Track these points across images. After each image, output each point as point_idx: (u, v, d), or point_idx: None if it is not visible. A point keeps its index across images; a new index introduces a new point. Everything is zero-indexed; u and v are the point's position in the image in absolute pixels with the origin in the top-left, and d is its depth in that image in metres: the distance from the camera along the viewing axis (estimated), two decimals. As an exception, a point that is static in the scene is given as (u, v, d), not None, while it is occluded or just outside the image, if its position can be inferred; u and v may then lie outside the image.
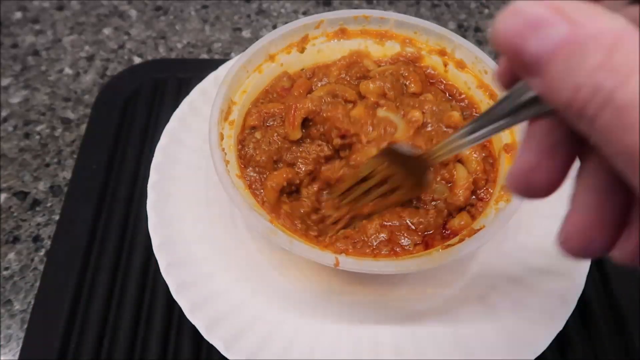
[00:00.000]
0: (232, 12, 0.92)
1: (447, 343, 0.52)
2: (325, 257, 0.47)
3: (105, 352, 0.55)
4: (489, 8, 0.95)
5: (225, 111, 0.57)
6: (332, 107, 0.56)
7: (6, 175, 0.70)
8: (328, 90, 0.59)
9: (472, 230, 0.50)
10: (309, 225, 0.53)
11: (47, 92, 0.79)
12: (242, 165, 0.55)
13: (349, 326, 0.53)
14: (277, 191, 0.53)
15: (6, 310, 0.59)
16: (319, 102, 0.57)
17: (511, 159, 0.54)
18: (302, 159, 0.55)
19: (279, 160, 0.56)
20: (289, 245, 0.48)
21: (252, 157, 0.55)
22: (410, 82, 0.60)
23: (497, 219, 0.49)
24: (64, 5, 0.92)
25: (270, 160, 0.55)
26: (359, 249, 0.51)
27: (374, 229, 0.51)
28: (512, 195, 0.51)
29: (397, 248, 0.51)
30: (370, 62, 0.64)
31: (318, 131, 0.56)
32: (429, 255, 0.49)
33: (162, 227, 0.57)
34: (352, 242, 0.51)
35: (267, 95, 0.62)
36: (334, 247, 0.51)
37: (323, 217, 0.53)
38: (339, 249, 0.50)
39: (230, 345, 0.50)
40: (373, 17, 0.64)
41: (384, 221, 0.52)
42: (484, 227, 0.49)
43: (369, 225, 0.52)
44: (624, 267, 0.61)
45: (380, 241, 0.51)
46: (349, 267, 0.47)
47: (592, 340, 0.57)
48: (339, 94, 0.58)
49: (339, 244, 0.51)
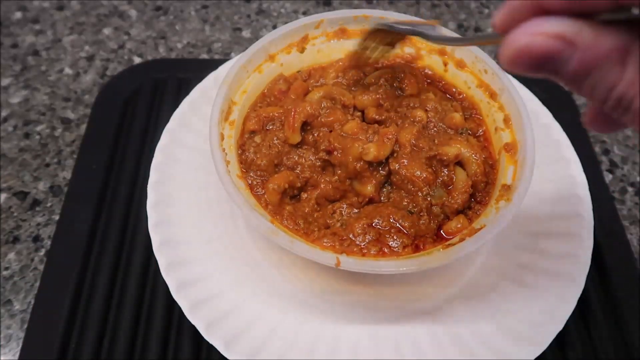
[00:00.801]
0: (232, 12, 0.92)
1: (447, 343, 0.52)
2: (326, 257, 0.47)
3: (105, 352, 0.55)
4: (489, 8, 0.95)
5: (225, 111, 0.57)
6: (331, 111, 0.56)
7: (6, 175, 0.70)
8: (326, 93, 0.59)
9: (473, 229, 0.50)
10: (311, 222, 0.53)
11: (47, 92, 0.79)
12: (244, 169, 0.55)
13: (348, 326, 0.53)
14: (279, 193, 0.53)
15: (6, 310, 0.59)
16: (318, 106, 0.57)
17: (511, 158, 0.54)
18: (300, 165, 0.55)
19: (280, 164, 0.56)
20: (289, 245, 0.48)
21: (253, 161, 0.55)
22: (405, 85, 0.60)
23: (498, 219, 0.49)
24: (64, 5, 0.92)
25: (272, 163, 0.55)
26: (346, 247, 0.50)
27: (360, 229, 0.51)
28: (513, 195, 0.51)
29: (385, 249, 0.50)
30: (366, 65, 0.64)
31: (314, 137, 0.56)
32: (430, 255, 0.49)
33: (162, 227, 0.57)
34: (340, 239, 0.51)
35: (265, 98, 0.62)
36: (319, 243, 0.50)
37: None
38: (328, 247, 0.50)
39: (230, 345, 0.50)
40: (373, 17, 0.64)
41: (372, 222, 0.52)
42: (484, 226, 0.49)
43: (356, 224, 0.51)
44: (624, 267, 0.62)
45: (368, 241, 0.51)
46: (350, 267, 0.47)
47: (592, 340, 0.57)
48: (337, 98, 0.58)
49: (326, 240, 0.51)
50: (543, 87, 0.77)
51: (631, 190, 0.72)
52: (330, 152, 0.54)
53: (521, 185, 0.51)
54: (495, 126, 0.58)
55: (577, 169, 0.62)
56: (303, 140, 0.56)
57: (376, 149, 0.52)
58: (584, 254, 0.56)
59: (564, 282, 0.54)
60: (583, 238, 0.57)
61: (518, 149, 0.54)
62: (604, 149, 0.76)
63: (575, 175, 0.62)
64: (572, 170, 0.62)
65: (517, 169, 0.53)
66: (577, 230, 0.58)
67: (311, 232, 0.52)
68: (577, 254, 0.56)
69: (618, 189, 0.72)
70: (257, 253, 0.58)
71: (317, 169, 0.55)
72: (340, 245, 0.50)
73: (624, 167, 0.74)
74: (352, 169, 0.53)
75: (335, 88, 0.59)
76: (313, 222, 0.53)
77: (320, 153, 0.55)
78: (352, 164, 0.53)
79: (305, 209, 0.54)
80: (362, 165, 0.53)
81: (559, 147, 0.64)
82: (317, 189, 0.54)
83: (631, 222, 0.68)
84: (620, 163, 0.74)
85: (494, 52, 0.88)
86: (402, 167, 0.53)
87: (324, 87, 0.60)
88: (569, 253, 0.56)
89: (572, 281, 0.54)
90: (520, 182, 0.51)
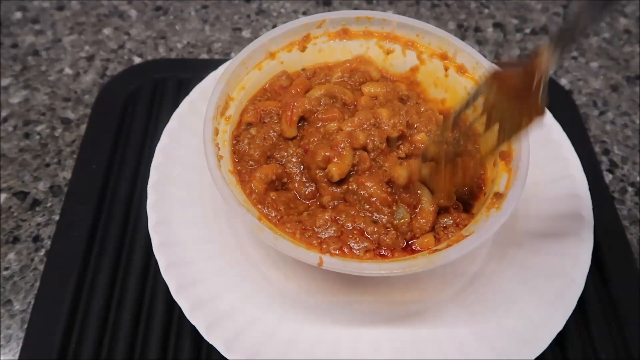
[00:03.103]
0: (232, 12, 0.92)
1: (447, 343, 0.52)
2: (309, 256, 0.47)
3: (105, 352, 0.55)
4: (489, 8, 0.95)
5: (221, 107, 0.57)
6: (329, 108, 0.56)
7: (6, 175, 0.70)
8: (327, 91, 0.59)
9: (461, 236, 0.50)
10: (292, 208, 0.53)
11: (47, 92, 0.79)
12: (236, 159, 0.56)
13: (348, 326, 0.53)
14: (265, 183, 0.53)
15: (6, 310, 0.59)
16: (317, 102, 0.57)
17: (506, 166, 0.54)
18: (284, 159, 0.55)
19: (272, 157, 0.56)
20: (273, 242, 0.48)
21: (246, 151, 0.56)
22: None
23: (486, 226, 0.49)
24: (64, 5, 0.92)
25: (264, 155, 0.55)
26: (307, 237, 0.50)
27: (323, 221, 0.51)
28: (502, 204, 0.50)
29: (345, 249, 0.50)
30: (374, 69, 0.64)
31: (303, 133, 0.56)
32: (415, 259, 0.48)
33: (162, 227, 0.57)
34: (302, 228, 0.51)
35: (265, 93, 0.62)
36: (282, 228, 0.50)
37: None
38: (290, 234, 0.50)
39: (230, 345, 0.50)
40: (376, 18, 0.64)
41: (336, 217, 0.51)
42: (472, 233, 0.49)
43: (319, 215, 0.51)
44: (624, 267, 0.62)
45: (329, 236, 0.50)
46: (332, 267, 0.47)
47: (592, 340, 0.57)
48: (338, 96, 0.58)
49: (289, 226, 0.50)
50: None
51: (631, 190, 0.72)
52: (306, 151, 0.55)
53: (512, 194, 0.50)
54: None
55: (577, 169, 0.62)
56: (298, 135, 0.57)
57: (337, 166, 0.52)
58: (584, 254, 0.56)
59: (564, 282, 0.54)
60: (583, 238, 0.57)
61: (513, 157, 0.54)
62: (604, 149, 0.76)
63: (575, 175, 0.62)
64: (572, 170, 0.62)
65: (510, 177, 0.53)
66: (577, 230, 0.58)
67: (285, 217, 0.52)
68: (577, 254, 0.56)
69: (618, 189, 0.72)
70: (257, 253, 0.58)
71: (295, 164, 0.55)
72: (301, 235, 0.50)
73: (624, 167, 0.74)
74: (314, 175, 0.53)
75: (337, 86, 0.59)
76: (294, 209, 0.53)
77: (298, 149, 0.55)
78: (314, 171, 0.53)
79: (285, 197, 0.54)
80: (322, 175, 0.53)
81: (559, 147, 0.64)
82: (294, 183, 0.55)
83: (631, 222, 0.68)
84: (620, 163, 0.74)
85: (493, 52, 0.88)
86: (361, 187, 0.52)
87: (326, 85, 0.60)
88: (569, 253, 0.56)
89: (572, 281, 0.54)
90: (511, 191, 0.51)
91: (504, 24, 0.93)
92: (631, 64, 0.87)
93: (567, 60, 0.87)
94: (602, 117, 0.80)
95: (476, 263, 0.58)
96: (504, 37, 0.90)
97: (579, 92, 0.83)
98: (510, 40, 0.90)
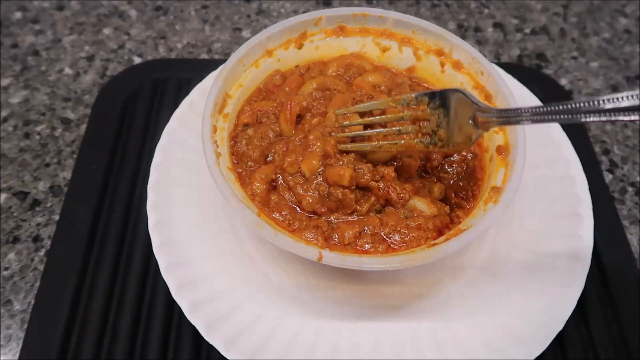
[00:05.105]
0: (232, 12, 0.92)
1: (447, 342, 0.52)
2: (309, 251, 0.47)
3: (105, 352, 0.55)
4: (489, 8, 0.95)
5: (219, 104, 0.57)
6: (325, 102, 0.56)
7: (6, 175, 0.70)
8: (319, 84, 0.59)
9: (459, 230, 0.50)
10: (297, 213, 0.53)
11: (47, 92, 0.79)
12: (235, 161, 0.56)
13: (348, 326, 0.53)
14: (266, 182, 0.53)
15: (6, 310, 0.59)
16: (312, 98, 0.57)
17: (503, 160, 0.54)
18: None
19: (270, 157, 0.56)
20: (273, 238, 0.48)
21: (244, 152, 0.56)
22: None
23: (484, 220, 0.49)
24: (64, 5, 0.92)
25: (263, 155, 0.56)
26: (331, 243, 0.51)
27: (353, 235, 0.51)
28: (500, 198, 0.51)
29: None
30: (368, 63, 0.64)
31: (304, 127, 0.56)
32: (413, 253, 0.48)
33: (162, 227, 0.57)
34: (323, 234, 0.51)
35: (260, 93, 0.62)
36: (300, 235, 0.51)
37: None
38: (312, 241, 0.50)
39: (230, 346, 0.50)
40: (372, 15, 0.64)
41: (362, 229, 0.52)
42: (470, 227, 0.49)
43: (346, 228, 0.51)
44: (624, 267, 0.62)
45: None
46: (332, 262, 0.47)
47: (592, 340, 0.57)
48: (331, 88, 0.58)
49: (308, 233, 0.51)
50: (542, 86, 0.77)
51: (631, 190, 0.72)
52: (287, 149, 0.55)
53: (509, 188, 0.51)
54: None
55: (577, 169, 0.62)
56: (299, 131, 0.57)
57: (306, 163, 0.52)
58: (584, 254, 0.56)
59: (564, 282, 0.54)
60: (583, 238, 0.57)
61: (510, 151, 0.54)
62: (604, 149, 0.76)
63: (575, 175, 0.62)
64: (572, 170, 0.62)
65: (507, 171, 0.53)
66: (577, 230, 0.58)
67: (295, 223, 0.52)
68: (577, 254, 0.56)
69: (618, 189, 0.72)
70: (257, 253, 0.58)
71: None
72: (325, 241, 0.50)
73: (624, 167, 0.74)
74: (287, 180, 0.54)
75: (330, 78, 0.60)
76: (299, 213, 0.53)
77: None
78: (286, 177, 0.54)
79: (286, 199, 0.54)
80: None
81: (559, 147, 0.64)
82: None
83: (631, 222, 0.68)
84: (620, 163, 0.74)
85: (493, 52, 0.88)
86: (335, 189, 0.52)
87: (318, 79, 0.60)
88: (569, 253, 0.56)
89: (572, 281, 0.54)
90: (509, 184, 0.51)
91: (504, 24, 0.93)
92: (631, 64, 0.87)
93: (567, 60, 0.87)
94: (602, 117, 0.80)
95: (477, 263, 0.58)
96: (504, 37, 0.90)
97: (579, 92, 0.83)
98: (510, 40, 0.90)
